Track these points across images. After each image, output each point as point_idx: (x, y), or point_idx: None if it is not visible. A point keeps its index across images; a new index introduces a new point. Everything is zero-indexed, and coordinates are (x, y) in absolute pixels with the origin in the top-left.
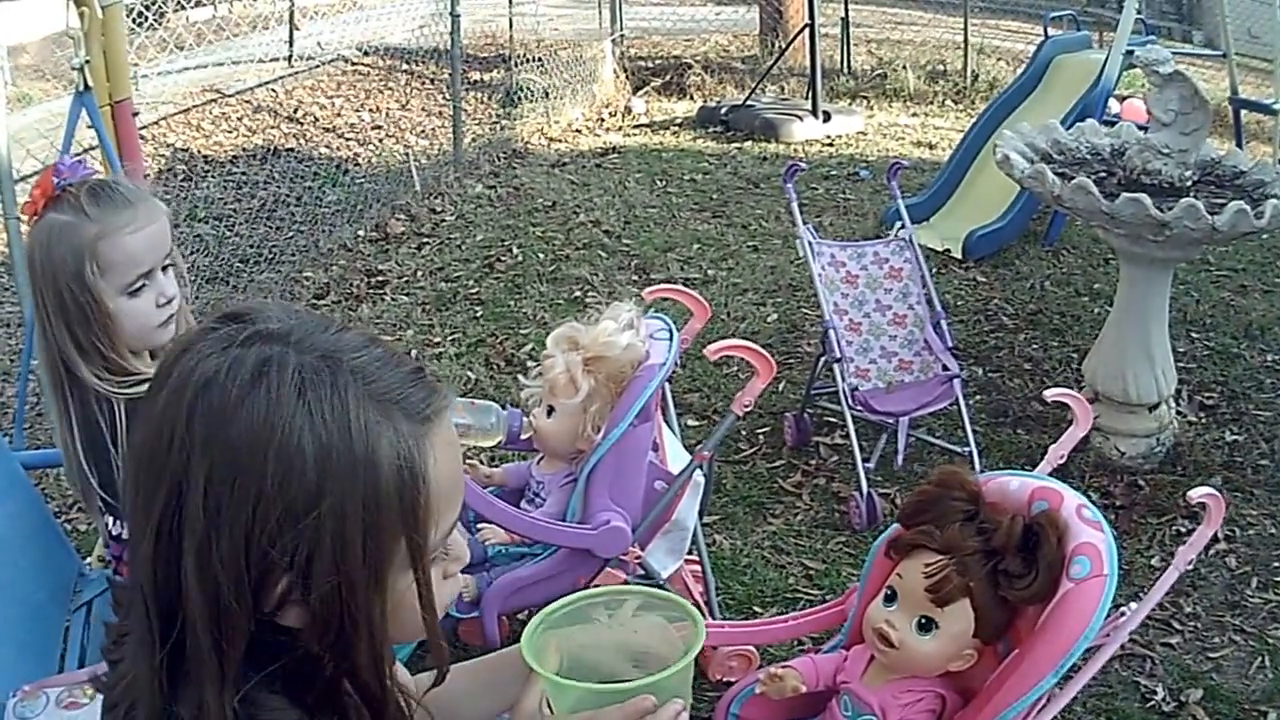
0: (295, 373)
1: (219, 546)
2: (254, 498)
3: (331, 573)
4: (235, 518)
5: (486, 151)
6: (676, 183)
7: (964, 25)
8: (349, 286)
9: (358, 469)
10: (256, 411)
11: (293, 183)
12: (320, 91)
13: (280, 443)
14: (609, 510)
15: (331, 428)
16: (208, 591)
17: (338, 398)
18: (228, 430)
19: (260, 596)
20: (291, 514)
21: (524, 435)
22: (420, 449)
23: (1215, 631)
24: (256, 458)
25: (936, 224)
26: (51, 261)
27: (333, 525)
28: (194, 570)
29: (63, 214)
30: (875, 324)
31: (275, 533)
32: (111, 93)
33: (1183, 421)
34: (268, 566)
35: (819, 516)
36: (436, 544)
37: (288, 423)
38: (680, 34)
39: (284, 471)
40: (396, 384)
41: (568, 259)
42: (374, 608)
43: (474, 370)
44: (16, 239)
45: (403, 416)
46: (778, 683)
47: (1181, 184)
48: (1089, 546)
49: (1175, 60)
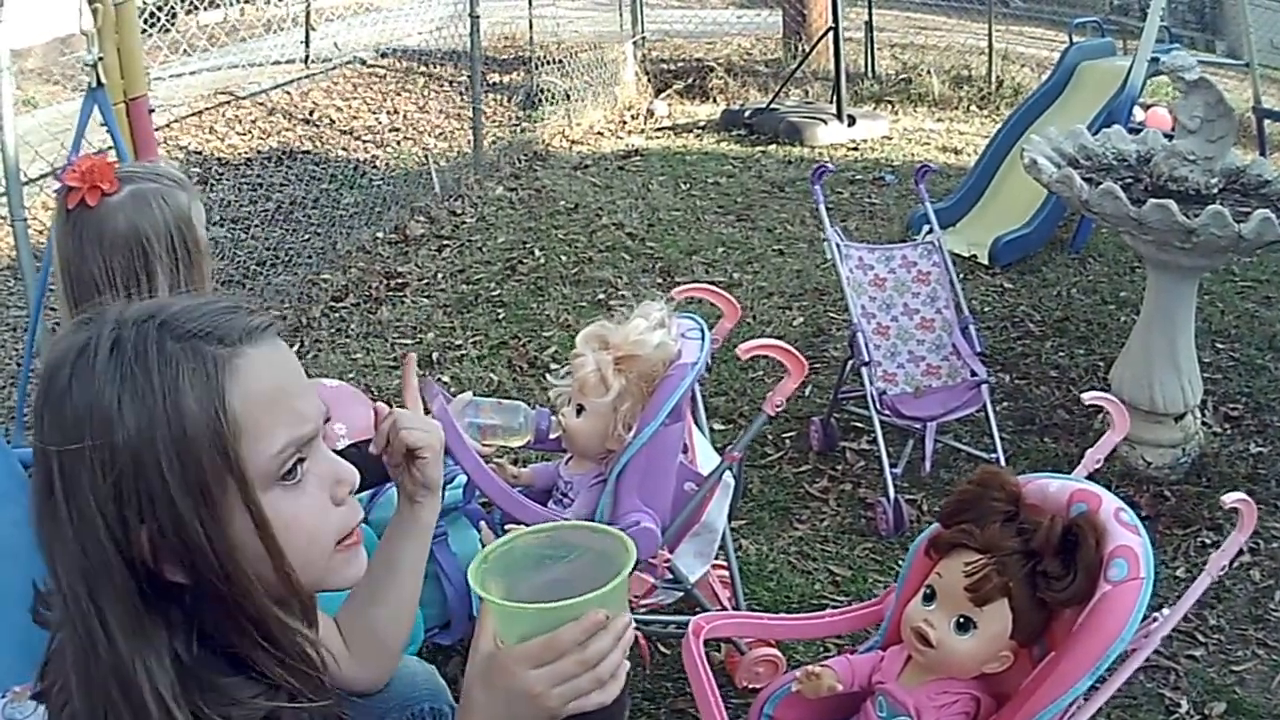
0: (110, 342)
1: (78, 516)
2: (90, 466)
3: (170, 511)
4: (85, 487)
5: (507, 154)
6: (700, 186)
7: (988, 31)
8: (367, 289)
9: (162, 408)
10: (78, 388)
11: (309, 185)
12: (336, 94)
13: (100, 409)
14: (639, 511)
15: (138, 380)
16: (91, 559)
17: (144, 349)
18: (62, 414)
19: (131, 553)
20: (125, 469)
21: (552, 435)
22: (223, 371)
23: (1239, 644)
24: (83, 430)
25: (963, 230)
26: (153, 221)
27: (156, 466)
28: (72, 540)
29: (140, 183)
30: (903, 328)
31: (117, 489)
32: (126, 90)
33: (1208, 432)
34: (124, 521)
35: (845, 522)
36: (269, 465)
37: (102, 390)
38: (702, 36)
39: (107, 433)
40: (203, 318)
41: (591, 261)
42: (222, 539)
43: (496, 372)
44: (24, 241)
45: (207, 346)
46: (814, 681)
47: (1208, 191)
48: (1126, 549)
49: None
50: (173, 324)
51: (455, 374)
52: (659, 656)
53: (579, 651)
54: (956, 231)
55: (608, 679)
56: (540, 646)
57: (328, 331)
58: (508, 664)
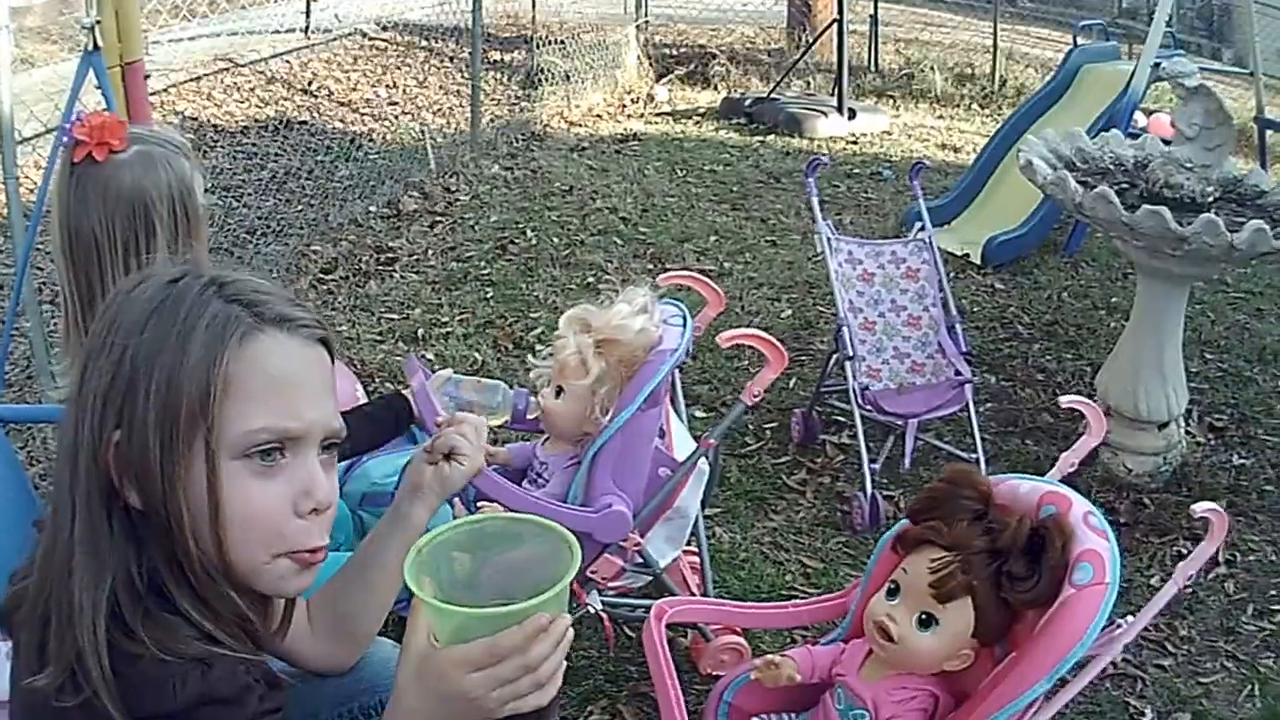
0: (172, 279)
1: (81, 404)
2: (104, 360)
3: (141, 428)
4: (94, 379)
5: (505, 133)
6: (696, 173)
7: (993, 29)
8: (358, 262)
9: (174, 339)
10: (130, 298)
11: (304, 156)
12: (336, 65)
13: (132, 318)
14: (611, 494)
15: (170, 310)
16: (76, 449)
17: (190, 291)
18: (109, 311)
19: (100, 451)
20: (124, 374)
21: (531, 415)
22: (236, 335)
23: (1208, 656)
24: (114, 330)
25: (957, 228)
26: (157, 183)
27: (147, 383)
28: (71, 423)
29: (148, 145)
30: (890, 324)
31: (112, 389)
32: (122, 54)
33: (1191, 442)
34: (104, 421)
35: (821, 515)
36: (240, 438)
37: (143, 305)
38: (706, 23)
39: (126, 339)
40: (254, 294)
41: (582, 244)
42: (174, 476)
43: (481, 351)
44: (15, 199)
45: (240, 312)
46: (773, 670)
47: (1203, 199)
48: (1093, 554)
49: (1204, 76)
50: (228, 287)
51: (440, 351)
52: (625, 640)
53: (520, 656)
54: (950, 230)
55: (546, 682)
56: (482, 650)
57: (314, 302)
58: (445, 666)
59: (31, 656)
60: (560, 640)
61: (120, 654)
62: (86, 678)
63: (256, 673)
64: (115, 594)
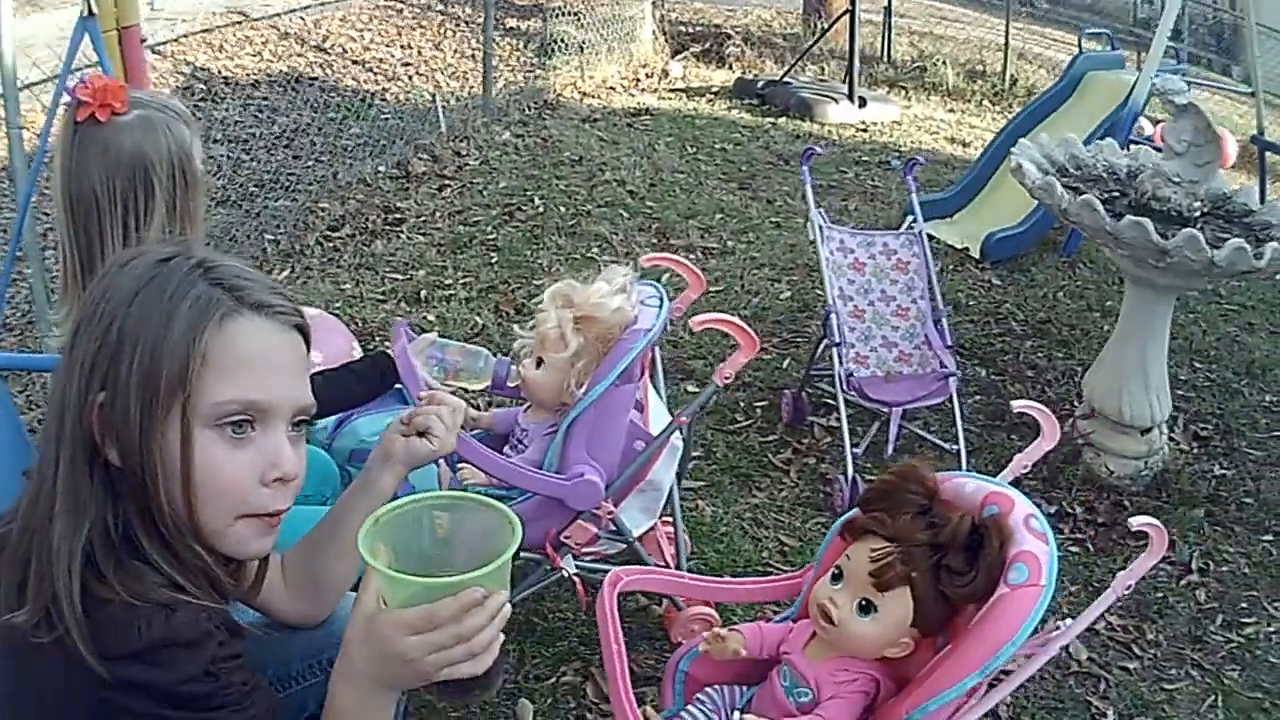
0: (162, 257)
1: (69, 366)
2: (92, 329)
3: (124, 393)
4: (83, 344)
5: (517, 100)
6: (706, 150)
7: (1005, 28)
8: (364, 221)
9: (159, 314)
10: (122, 273)
11: (315, 112)
12: (350, 24)
13: (121, 292)
14: (585, 464)
15: (157, 287)
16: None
17: (178, 271)
18: (99, 285)
19: (85, 411)
20: (109, 344)
21: (512, 383)
22: (214, 315)
23: (1174, 663)
24: (103, 303)
25: (960, 222)
26: (157, 147)
27: (131, 354)
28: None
29: (149, 110)
30: (879, 313)
31: (98, 355)
32: (119, 19)
33: (1174, 449)
34: (89, 385)
35: (803, 495)
36: (213, 408)
37: (132, 281)
38: (723, 2)
39: (113, 311)
40: (236, 278)
41: (589, 215)
42: (151, 438)
43: (482, 315)
44: (18, 147)
45: (221, 295)
46: (719, 643)
47: (1189, 214)
48: (1029, 555)
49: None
50: (213, 270)
51: (441, 314)
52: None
53: (454, 625)
54: (953, 223)
55: (480, 652)
56: (418, 616)
57: (319, 260)
58: (386, 628)
59: (12, 595)
60: (495, 614)
61: (92, 597)
62: (60, 617)
63: (217, 619)
64: (91, 542)
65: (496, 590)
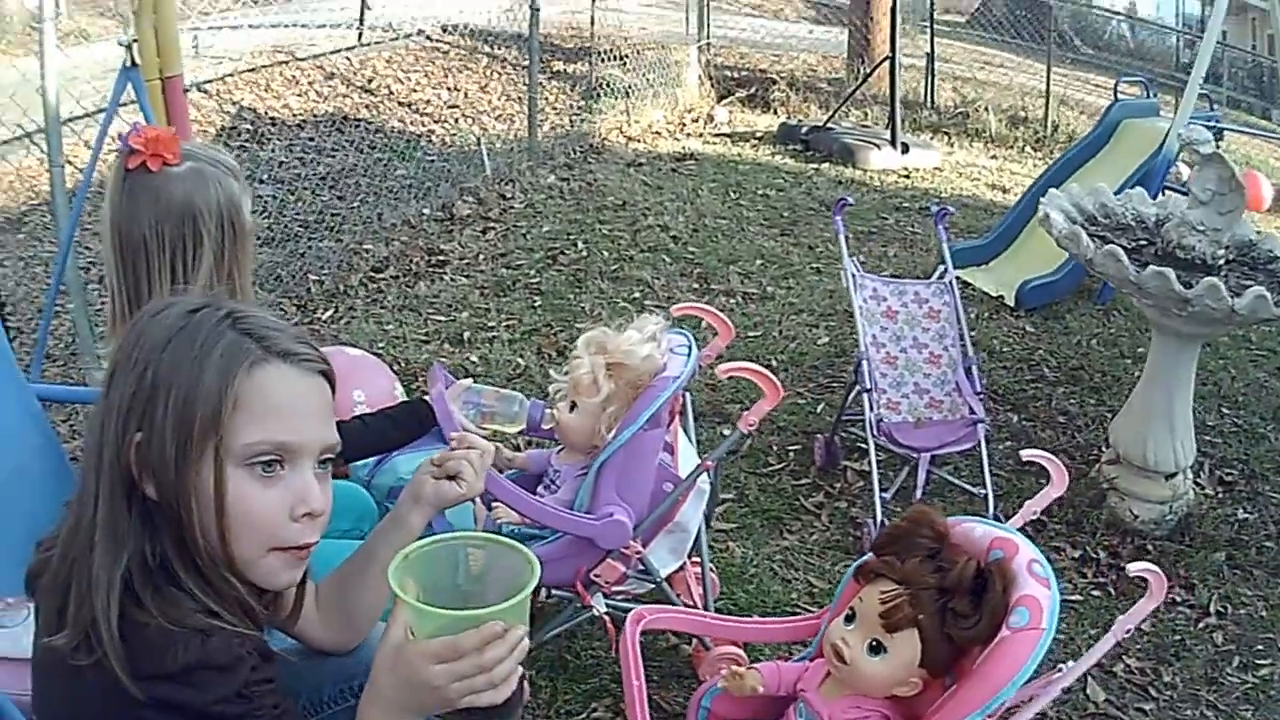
0: (191, 308)
1: (107, 408)
2: (128, 376)
3: (160, 433)
4: (119, 389)
5: (563, 143)
6: (749, 196)
7: (1047, 74)
8: (408, 263)
9: (190, 361)
10: (155, 322)
11: (361, 153)
12: (397, 65)
13: (154, 342)
14: (614, 504)
15: (189, 336)
16: (102, 447)
17: (208, 321)
18: (132, 332)
19: (121, 453)
20: (145, 389)
21: (546, 425)
22: (245, 363)
23: (1189, 705)
24: (137, 351)
25: (995, 269)
26: (207, 198)
27: (166, 397)
28: (98, 425)
29: (200, 163)
30: (911, 360)
31: (134, 399)
32: (162, 68)
33: (1199, 493)
34: (128, 425)
35: (833, 538)
36: (244, 448)
37: (165, 331)
38: (768, 48)
39: (149, 359)
40: (263, 328)
41: (631, 260)
42: (186, 475)
43: (524, 357)
44: (60, 185)
45: (250, 343)
46: (738, 680)
47: (1213, 262)
48: (1031, 600)
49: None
50: (241, 320)
51: (484, 354)
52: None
53: (476, 655)
54: (988, 270)
55: (500, 682)
56: (443, 646)
57: (363, 300)
58: (413, 657)
59: (51, 619)
60: (514, 647)
61: (130, 622)
62: (99, 640)
63: (250, 645)
64: (129, 570)
65: (516, 624)
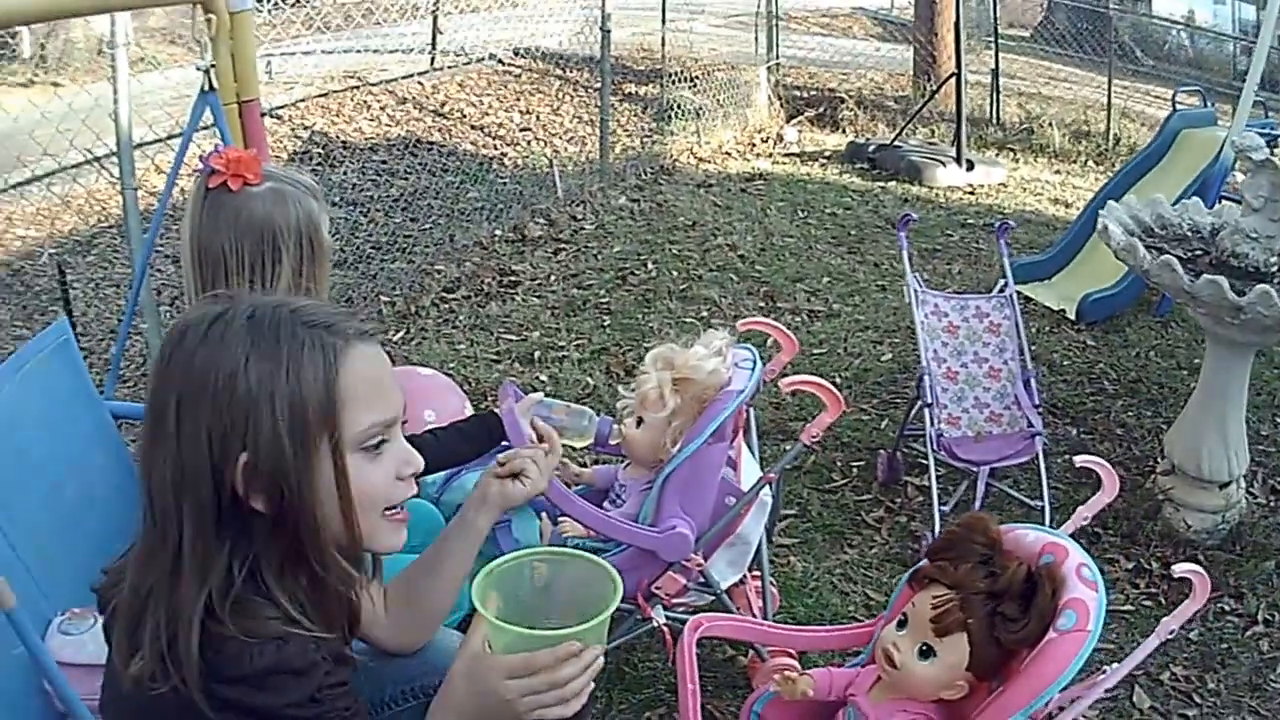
0: (246, 315)
1: (187, 441)
2: (210, 403)
3: (273, 449)
4: (201, 419)
5: (634, 164)
6: (817, 215)
7: (1108, 87)
8: (480, 284)
9: (285, 371)
10: (209, 344)
11: (434, 176)
12: (469, 89)
13: (228, 362)
14: (677, 517)
15: (267, 347)
16: (185, 476)
17: (277, 326)
18: (191, 361)
19: (223, 476)
20: (239, 410)
21: (613, 440)
22: (339, 357)
23: (1232, 711)
24: (208, 375)
25: (1057, 283)
26: (286, 216)
27: (271, 413)
28: (174, 458)
29: (281, 183)
30: (971, 374)
31: (229, 424)
32: (239, 93)
33: (1252, 503)
34: (227, 450)
35: (892, 552)
36: (358, 435)
37: (233, 348)
38: (836, 66)
39: (231, 381)
40: (325, 315)
41: (700, 279)
42: (308, 480)
43: (593, 376)
44: (133, 208)
45: (328, 336)
46: (790, 684)
47: (1266, 269)
48: (1079, 602)
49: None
50: (302, 313)
51: (554, 374)
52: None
53: (549, 673)
54: (1050, 285)
55: (570, 699)
56: (519, 662)
57: (435, 321)
58: (489, 669)
59: (123, 647)
60: (588, 666)
61: (209, 637)
62: (177, 664)
63: (326, 649)
64: (210, 593)
65: (592, 644)
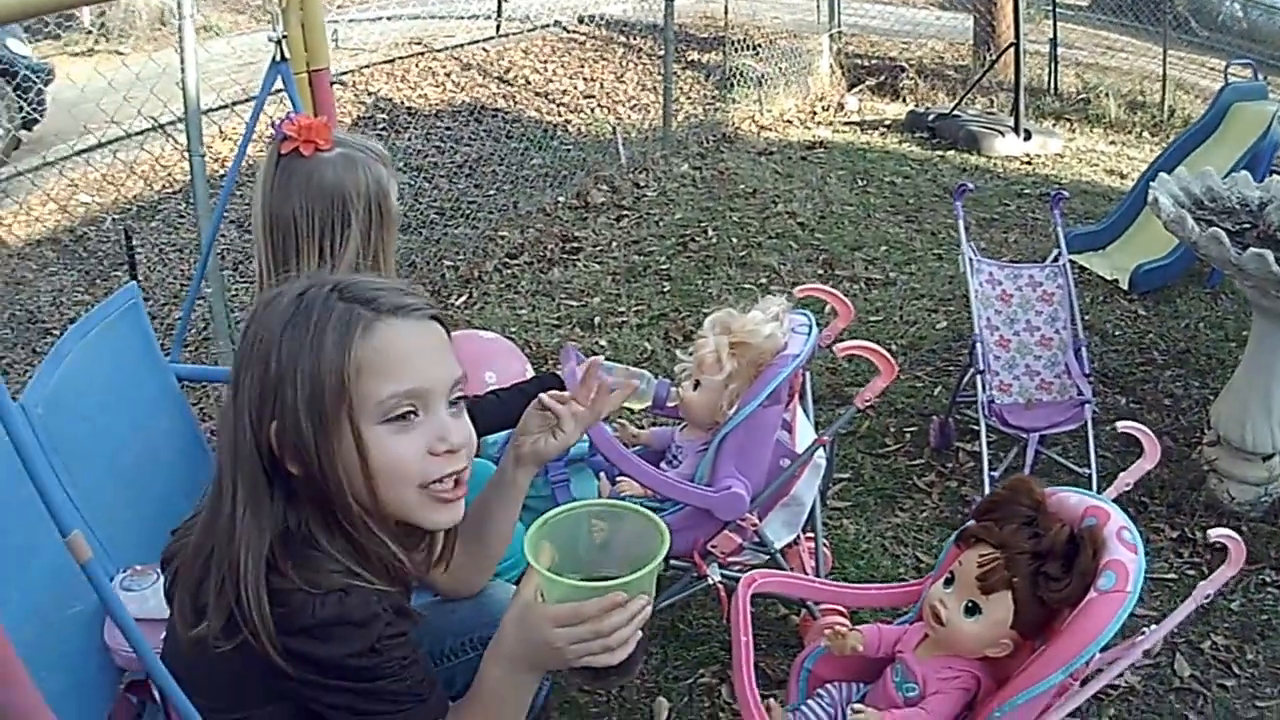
0: (297, 293)
1: (236, 409)
2: (252, 375)
3: (294, 418)
4: (246, 389)
5: (696, 132)
6: (876, 183)
7: (1163, 58)
8: (542, 250)
9: (308, 343)
10: (262, 321)
11: (497, 142)
12: (533, 55)
13: (268, 337)
14: (733, 477)
15: (300, 322)
16: (237, 441)
17: (315, 302)
18: (247, 336)
19: (261, 440)
20: (271, 381)
21: (671, 403)
22: (359, 327)
23: (1269, 682)
24: (254, 349)
25: (1111, 254)
26: (356, 182)
27: (293, 384)
28: (230, 425)
29: (351, 149)
30: (1023, 342)
31: (263, 394)
32: (309, 62)
33: None
34: (261, 417)
35: (942, 516)
36: (379, 407)
37: (275, 325)
38: (898, 35)
39: (267, 354)
40: (369, 290)
41: (760, 246)
42: (328, 447)
43: (652, 342)
44: (200, 174)
45: (360, 308)
46: (840, 639)
47: None
48: (1119, 564)
49: None
50: (346, 289)
51: (613, 339)
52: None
53: (595, 622)
54: (1105, 255)
55: (616, 647)
56: (566, 611)
57: (497, 286)
58: (539, 617)
59: (187, 611)
60: (634, 616)
61: (274, 592)
62: (245, 620)
63: (387, 602)
64: (272, 548)
65: (638, 595)
